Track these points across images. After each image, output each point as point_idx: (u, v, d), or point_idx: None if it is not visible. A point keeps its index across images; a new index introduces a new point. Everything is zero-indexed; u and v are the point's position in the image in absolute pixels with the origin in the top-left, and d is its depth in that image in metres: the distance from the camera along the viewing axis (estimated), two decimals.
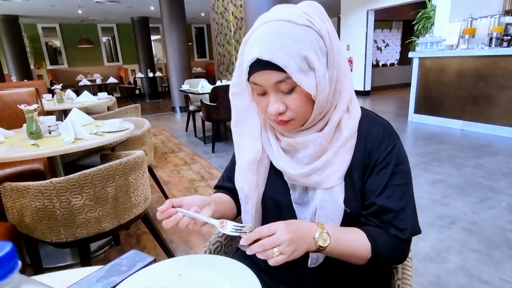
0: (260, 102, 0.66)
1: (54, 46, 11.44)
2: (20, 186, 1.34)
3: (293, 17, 0.59)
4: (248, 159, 0.75)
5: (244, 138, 0.77)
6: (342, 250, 0.66)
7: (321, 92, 0.62)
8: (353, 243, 0.67)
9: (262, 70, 0.60)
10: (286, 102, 0.63)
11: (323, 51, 0.61)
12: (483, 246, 1.94)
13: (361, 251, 0.67)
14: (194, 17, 11.22)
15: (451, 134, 4.53)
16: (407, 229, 0.68)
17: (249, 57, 0.61)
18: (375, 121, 0.72)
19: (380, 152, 0.69)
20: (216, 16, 6.57)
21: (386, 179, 0.69)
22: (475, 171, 3.11)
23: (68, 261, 2.01)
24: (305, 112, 0.64)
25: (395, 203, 0.68)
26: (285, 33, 0.58)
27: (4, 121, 2.23)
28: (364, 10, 8.18)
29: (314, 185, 0.70)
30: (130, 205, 1.59)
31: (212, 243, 0.98)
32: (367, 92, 8.85)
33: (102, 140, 1.70)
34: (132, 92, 9.76)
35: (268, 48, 0.58)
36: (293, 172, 0.70)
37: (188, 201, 0.68)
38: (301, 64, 0.58)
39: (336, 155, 0.68)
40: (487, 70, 4.32)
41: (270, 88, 0.62)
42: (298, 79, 0.58)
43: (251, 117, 0.76)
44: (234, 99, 0.75)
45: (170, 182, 3.31)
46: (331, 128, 0.67)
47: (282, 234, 0.58)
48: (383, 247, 0.68)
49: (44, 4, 8.01)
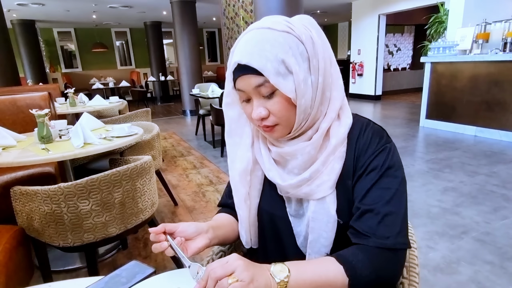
0: (246, 109, 0.67)
1: (69, 50, 11.68)
2: (29, 190, 1.36)
3: (273, 24, 0.61)
4: (239, 169, 0.75)
5: (236, 148, 0.77)
6: (309, 280, 0.58)
7: (302, 96, 0.62)
8: (320, 269, 0.60)
9: (243, 75, 0.62)
10: (268, 107, 0.63)
11: (303, 56, 0.61)
12: (496, 258, 1.88)
13: (332, 277, 0.60)
14: (206, 21, 11.32)
15: (463, 141, 4.44)
16: (391, 237, 0.62)
17: (231, 63, 0.64)
18: (366, 127, 0.70)
19: (367, 156, 0.67)
20: (227, 21, 6.61)
21: (373, 182, 0.65)
22: (488, 179, 3.03)
23: (76, 264, 2.03)
24: (287, 116, 0.64)
25: (380, 206, 0.63)
26: (263, 39, 0.60)
27: (17, 125, 2.28)
28: (376, 15, 8.12)
29: (305, 196, 0.69)
30: (137, 210, 1.60)
31: (215, 252, 0.98)
32: (378, 97, 8.76)
33: (111, 145, 1.72)
34: (144, 96, 9.87)
35: (247, 53, 0.60)
36: (282, 183, 0.69)
37: (182, 228, 0.67)
38: (279, 68, 0.59)
39: (325, 164, 0.66)
40: (501, 75, 4.23)
41: (251, 93, 0.63)
42: (276, 81, 0.59)
43: (242, 127, 0.76)
44: (226, 109, 0.75)
45: (178, 186, 3.33)
46: (319, 137, 0.66)
47: (242, 270, 0.52)
48: (359, 267, 0.60)
49: (60, 9, 8.19)
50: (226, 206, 0.88)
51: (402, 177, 0.67)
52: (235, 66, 0.63)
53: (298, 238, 0.73)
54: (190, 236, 0.68)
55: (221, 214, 0.87)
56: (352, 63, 9.05)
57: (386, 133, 0.71)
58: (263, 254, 0.83)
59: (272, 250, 0.80)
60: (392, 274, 0.65)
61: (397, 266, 0.65)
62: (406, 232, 0.66)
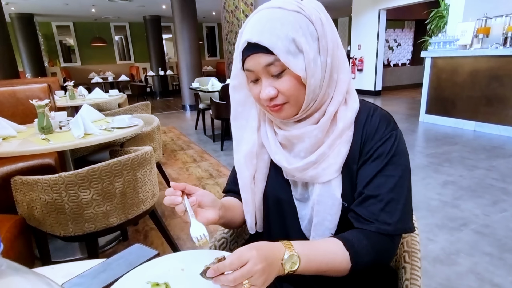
0: (254, 90, 0.66)
1: (68, 44, 11.63)
2: (30, 180, 1.36)
3: (284, 4, 0.61)
4: (245, 151, 0.75)
5: (242, 131, 0.77)
6: (315, 268, 0.61)
7: (311, 75, 0.62)
8: (328, 257, 0.62)
9: (252, 54, 0.62)
10: (277, 86, 0.63)
11: (313, 36, 0.61)
12: (494, 249, 1.89)
13: (338, 263, 0.62)
14: (206, 16, 11.27)
15: (463, 135, 4.44)
16: (392, 224, 0.64)
17: (241, 44, 0.63)
18: (374, 112, 0.70)
19: (374, 142, 0.67)
20: (227, 14, 6.58)
21: (378, 169, 0.66)
22: (488, 173, 3.04)
23: (77, 255, 2.03)
24: (297, 96, 0.64)
25: (384, 193, 0.64)
26: (273, 18, 0.60)
27: (17, 117, 2.27)
28: (376, 10, 8.08)
29: (311, 179, 0.69)
30: (138, 200, 1.60)
31: (218, 239, 0.98)
32: (378, 92, 8.76)
33: (111, 135, 1.71)
34: (143, 90, 9.85)
35: (257, 32, 0.60)
36: (288, 166, 0.69)
37: (201, 193, 0.67)
38: (289, 46, 0.59)
39: (332, 148, 0.67)
40: (501, 70, 4.22)
41: (261, 72, 0.63)
42: (286, 60, 0.59)
43: (249, 110, 0.76)
44: (233, 92, 0.75)
45: (178, 179, 3.33)
46: (327, 120, 0.66)
47: (255, 264, 0.52)
48: (363, 253, 0.62)
49: (59, 2, 8.14)
50: (233, 191, 0.88)
51: (406, 164, 0.68)
52: (245, 45, 0.62)
53: (303, 222, 0.73)
54: (205, 204, 0.67)
55: (229, 197, 0.86)
56: (352, 58, 9.02)
57: (393, 118, 0.71)
58: (267, 237, 0.83)
59: (276, 233, 0.80)
60: (388, 258, 0.69)
61: (394, 251, 0.68)
62: (408, 218, 0.67)
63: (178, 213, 0.63)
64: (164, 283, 0.56)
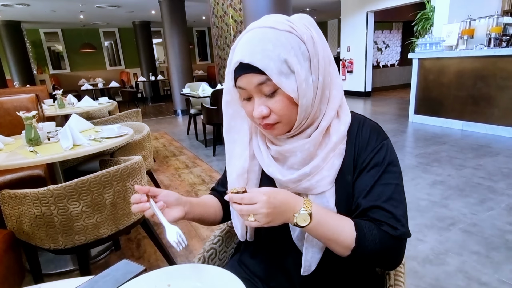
0: (247, 107, 0.68)
1: (56, 51, 11.51)
2: (18, 194, 1.35)
3: (275, 24, 0.62)
4: (237, 167, 0.76)
5: (234, 146, 0.78)
6: (322, 233, 0.65)
7: (303, 96, 0.63)
8: (337, 229, 0.65)
9: (245, 74, 0.63)
10: (270, 105, 0.64)
11: (305, 56, 0.63)
12: (482, 248, 1.93)
13: (343, 238, 0.65)
14: (195, 20, 11.26)
15: (451, 135, 4.52)
16: (399, 229, 0.66)
17: (233, 62, 0.64)
18: (363, 124, 0.72)
19: (367, 153, 0.69)
20: (216, 19, 6.59)
21: (375, 179, 0.68)
22: (475, 171, 3.10)
23: (69, 267, 2.02)
24: (289, 115, 0.65)
25: (385, 202, 0.67)
26: (266, 39, 0.61)
27: (4, 128, 2.25)
28: (364, 12, 8.18)
29: (304, 191, 0.70)
30: (129, 211, 1.60)
31: (207, 250, 0.99)
32: (367, 93, 8.84)
33: (101, 146, 1.71)
34: (134, 96, 9.79)
35: (250, 52, 0.61)
36: (282, 178, 0.71)
37: (165, 194, 0.70)
38: (281, 67, 0.60)
39: (325, 160, 0.68)
40: (486, 70, 4.31)
41: (253, 91, 0.64)
42: (278, 81, 0.61)
43: (240, 124, 0.77)
44: (226, 107, 0.77)
45: (171, 186, 3.32)
46: (318, 135, 0.68)
47: (261, 207, 0.59)
48: (369, 240, 0.65)
49: (46, 9, 8.07)
50: (215, 191, 0.93)
51: (400, 171, 0.71)
52: (237, 65, 0.63)
53: (294, 232, 0.74)
54: (170, 204, 0.70)
55: (208, 196, 0.90)
56: (342, 60, 9.11)
57: (381, 128, 0.74)
58: (257, 247, 0.85)
59: (266, 243, 0.82)
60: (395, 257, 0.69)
61: (401, 252, 0.69)
62: (407, 222, 0.69)
63: (147, 217, 0.66)
64: None
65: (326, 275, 0.76)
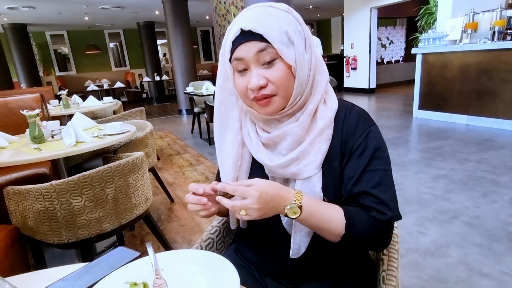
0: (241, 82, 0.68)
1: (62, 53, 11.64)
2: (22, 189, 1.39)
3: (275, 4, 0.67)
4: (231, 153, 0.77)
5: (224, 131, 0.78)
6: (313, 223, 0.67)
7: (300, 68, 0.65)
8: (328, 219, 0.67)
9: (245, 42, 0.64)
10: (267, 75, 0.65)
11: (301, 34, 0.66)
12: (484, 240, 1.93)
13: (334, 227, 0.67)
14: (199, 20, 11.29)
15: (455, 129, 4.48)
16: (387, 214, 0.68)
17: (232, 33, 0.66)
18: (351, 110, 0.74)
19: (355, 139, 0.71)
20: (219, 18, 6.62)
21: (364, 165, 0.70)
22: (479, 165, 3.08)
23: (75, 262, 2.05)
24: (286, 86, 0.66)
25: (374, 187, 0.69)
26: (267, 13, 0.65)
27: (10, 127, 2.29)
28: (367, 8, 8.13)
29: (292, 176, 0.72)
30: (131, 205, 1.63)
31: (204, 239, 1.01)
32: (372, 90, 8.79)
33: (103, 142, 1.74)
34: (139, 96, 9.86)
35: (252, 20, 0.64)
36: (270, 163, 0.72)
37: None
38: (282, 37, 0.63)
39: (312, 145, 0.70)
40: (490, 64, 4.27)
41: (251, 60, 0.65)
42: (279, 47, 0.63)
43: (231, 110, 0.77)
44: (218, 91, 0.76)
45: (175, 184, 3.36)
46: (307, 117, 0.69)
47: (253, 203, 0.60)
48: (359, 227, 0.67)
49: (51, 12, 8.16)
50: None
51: (387, 156, 0.73)
52: (238, 34, 0.65)
53: (283, 218, 0.76)
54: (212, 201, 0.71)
55: None
56: (346, 57, 9.07)
57: (368, 115, 0.75)
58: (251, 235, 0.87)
59: (257, 229, 0.83)
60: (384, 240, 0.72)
61: (389, 235, 0.72)
62: (397, 206, 0.71)
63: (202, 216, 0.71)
64: (142, 283, 0.59)
65: (317, 260, 0.77)
